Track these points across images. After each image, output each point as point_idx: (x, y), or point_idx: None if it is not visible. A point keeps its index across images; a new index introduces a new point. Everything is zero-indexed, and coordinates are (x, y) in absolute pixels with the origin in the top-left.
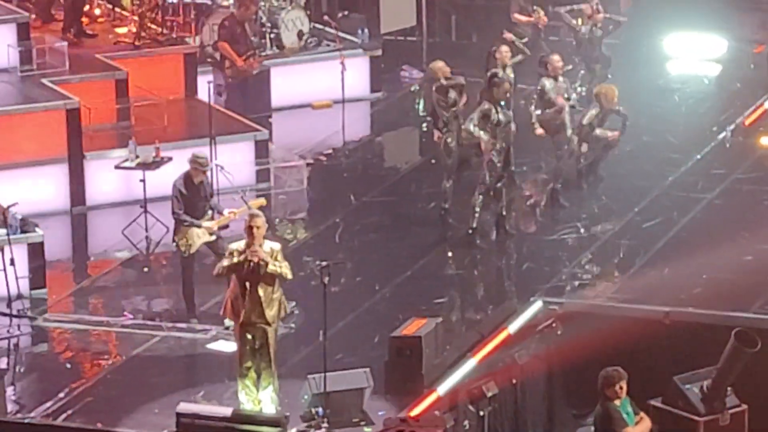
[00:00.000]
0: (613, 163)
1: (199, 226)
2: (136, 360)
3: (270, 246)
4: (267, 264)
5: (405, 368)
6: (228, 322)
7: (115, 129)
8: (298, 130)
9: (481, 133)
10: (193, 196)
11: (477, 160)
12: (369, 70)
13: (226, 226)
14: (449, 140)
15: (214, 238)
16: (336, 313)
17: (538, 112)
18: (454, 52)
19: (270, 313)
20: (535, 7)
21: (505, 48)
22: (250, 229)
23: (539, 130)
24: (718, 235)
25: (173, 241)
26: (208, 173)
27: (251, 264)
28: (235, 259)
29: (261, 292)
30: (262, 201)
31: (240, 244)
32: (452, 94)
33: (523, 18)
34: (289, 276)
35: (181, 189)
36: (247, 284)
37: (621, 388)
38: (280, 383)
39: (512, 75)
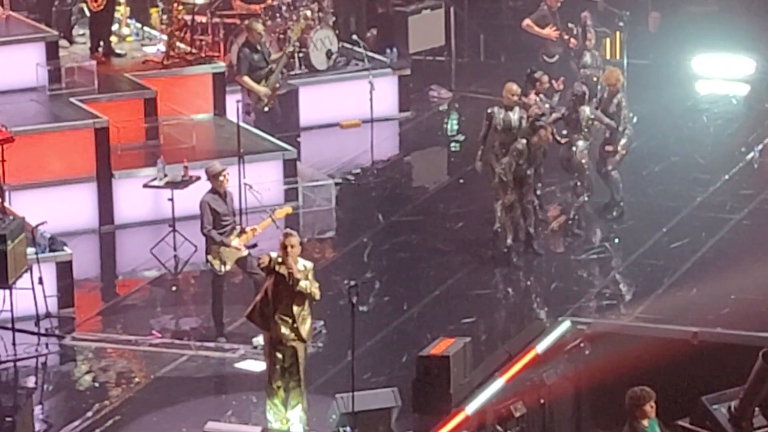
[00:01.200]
0: (641, 183)
1: (228, 245)
2: (164, 379)
3: (303, 264)
4: (298, 280)
5: (433, 388)
6: (256, 341)
7: (144, 148)
8: (327, 149)
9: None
10: (222, 211)
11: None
12: (397, 89)
13: (255, 245)
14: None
15: (246, 253)
16: (364, 333)
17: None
18: (482, 72)
19: (304, 329)
20: (570, 25)
21: (546, 78)
22: (284, 247)
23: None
24: (747, 256)
25: (206, 261)
26: (234, 190)
27: (288, 276)
28: (276, 266)
29: (295, 309)
30: (288, 209)
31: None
32: (502, 117)
33: (536, 28)
34: (318, 297)
35: (210, 204)
36: (283, 300)
37: (651, 407)
38: (308, 402)
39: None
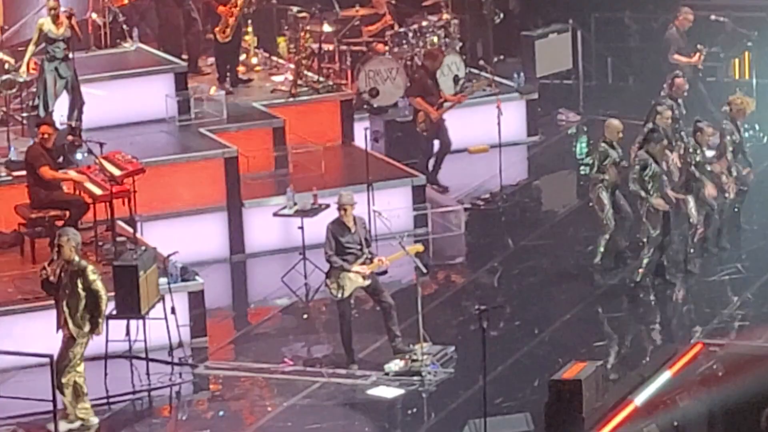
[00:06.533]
0: None
1: (349, 270)
2: (296, 407)
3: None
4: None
5: (565, 412)
6: (388, 368)
7: (273, 177)
8: (456, 174)
9: (642, 192)
10: (345, 239)
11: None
12: (525, 113)
13: (385, 272)
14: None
15: (368, 282)
16: (495, 357)
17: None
18: (610, 95)
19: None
20: (699, 46)
21: (668, 114)
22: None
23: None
24: None
25: (325, 284)
26: (365, 217)
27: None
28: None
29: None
30: (419, 247)
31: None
32: (613, 153)
33: (683, 59)
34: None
35: (333, 231)
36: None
37: None
38: (438, 427)
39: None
